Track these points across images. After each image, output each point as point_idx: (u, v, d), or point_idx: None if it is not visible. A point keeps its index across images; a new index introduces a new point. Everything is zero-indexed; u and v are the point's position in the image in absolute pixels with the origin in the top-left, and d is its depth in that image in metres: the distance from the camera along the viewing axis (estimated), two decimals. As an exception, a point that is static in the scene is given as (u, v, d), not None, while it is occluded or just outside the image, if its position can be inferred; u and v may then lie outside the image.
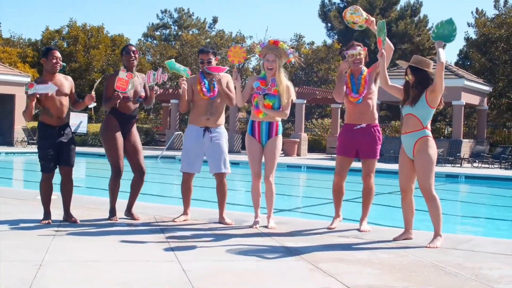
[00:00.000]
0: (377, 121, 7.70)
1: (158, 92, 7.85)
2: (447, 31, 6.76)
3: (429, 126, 6.84)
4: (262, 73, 7.71)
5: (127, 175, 8.03)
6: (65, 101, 7.52)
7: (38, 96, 7.27)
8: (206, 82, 7.81)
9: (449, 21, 6.79)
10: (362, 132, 7.57)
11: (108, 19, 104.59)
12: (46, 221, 7.47)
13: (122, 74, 7.66)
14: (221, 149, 7.86)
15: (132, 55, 7.83)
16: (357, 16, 7.29)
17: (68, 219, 7.61)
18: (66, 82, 7.59)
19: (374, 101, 7.62)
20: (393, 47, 7.39)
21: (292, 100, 7.65)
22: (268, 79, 7.60)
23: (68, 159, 7.56)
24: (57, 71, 7.52)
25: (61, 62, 7.54)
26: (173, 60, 8.06)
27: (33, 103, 7.29)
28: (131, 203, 8.04)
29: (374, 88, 7.61)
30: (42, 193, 7.61)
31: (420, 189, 6.78)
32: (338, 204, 7.82)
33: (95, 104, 7.60)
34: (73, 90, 7.72)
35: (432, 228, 6.84)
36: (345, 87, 7.58)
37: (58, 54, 7.57)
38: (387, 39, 7.09)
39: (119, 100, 7.56)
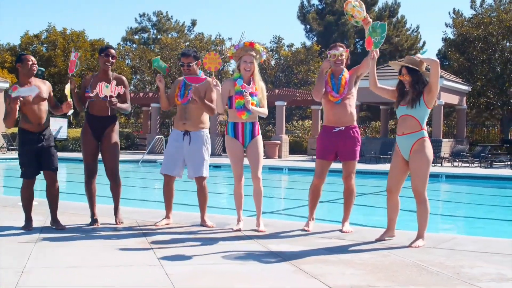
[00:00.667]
0: (355, 123, 7.72)
1: (116, 104, 7.72)
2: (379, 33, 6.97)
3: (425, 127, 6.86)
4: (237, 74, 7.73)
5: (106, 180, 8.01)
6: (44, 106, 7.49)
7: (21, 99, 7.23)
8: (183, 87, 7.85)
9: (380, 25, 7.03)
10: (341, 134, 7.59)
11: (87, 23, 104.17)
12: (27, 228, 7.42)
13: (72, 55, 7.74)
14: (199, 153, 7.85)
15: (110, 59, 7.81)
16: (358, 11, 7.23)
17: (55, 225, 7.57)
18: (44, 87, 7.56)
19: (353, 103, 7.64)
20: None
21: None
22: (245, 80, 7.63)
23: (50, 164, 7.51)
24: (34, 73, 7.48)
25: (36, 65, 7.52)
26: (159, 57, 8.12)
27: (17, 106, 7.23)
28: (115, 207, 8.02)
29: (354, 91, 7.65)
30: (23, 199, 7.57)
31: (412, 190, 6.79)
32: (313, 206, 7.83)
33: (72, 111, 7.60)
34: (51, 94, 7.70)
35: (414, 228, 6.88)
36: (325, 86, 7.60)
37: (32, 57, 7.55)
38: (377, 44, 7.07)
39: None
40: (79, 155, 8.08)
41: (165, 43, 44.28)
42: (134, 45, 58.73)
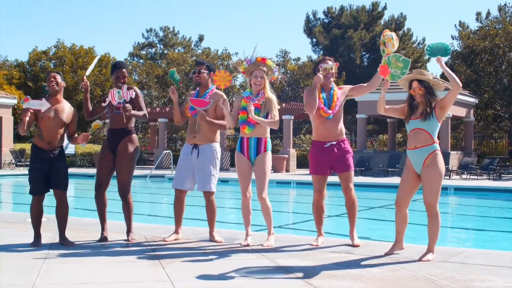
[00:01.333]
0: (344, 136, 7.74)
1: (130, 110, 7.69)
2: (441, 46, 6.72)
3: (437, 140, 6.84)
4: (248, 90, 7.74)
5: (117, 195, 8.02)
6: (61, 128, 7.51)
7: (31, 111, 7.25)
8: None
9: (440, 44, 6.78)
10: (332, 149, 7.60)
11: (94, 39, 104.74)
12: (36, 245, 7.42)
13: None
14: (206, 167, 7.84)
15: (121, 80, 7.88)
16: (392, 44, 7.17)
17: (63, 242, 7.57)
18: (68, 110, 7.58)
19: (341, 117, 7.70)
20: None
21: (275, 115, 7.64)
22: (255, 94, 7.64)
23: (59, 183, 7.53)
24: (57, 90, 7.52)
25: (58, 81, 7.53)
26: (175, 69, 8.16)
27: (26, 118, 7.23)
28: (127, 226, 8.00)
29: (341, 109, 7.67)
30: (32, 215, 7.58)
31: (424, 203, 6.75)
32: (319, 222, 7.82)
33: (85, 144, 7.66)
34: (74, 122, 7.71)
35: (423, 241, 6.84)
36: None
37: (54, 74, 7.59)
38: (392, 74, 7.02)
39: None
40: (87, 171, 8.11)
41: (172, 58, 44.44)
42: (141, 60, 58.91)
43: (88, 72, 8.05)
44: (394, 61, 6.98)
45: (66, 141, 7.65)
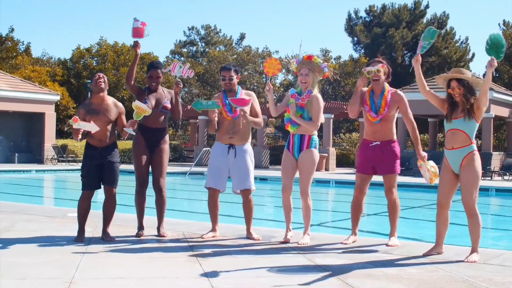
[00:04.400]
0: (394, 137, 7.62)
1: (181, 87, 8.07)
2: (501, 43, 6.59)
3: (474, 140, 6.77)
4: (299, 88, 7.72)
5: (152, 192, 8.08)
6: (108, 125, 7.60)
7: (82, 131, 7.36)
8: (227, 105, 7.84)
9: (497, 38, 6.62)
10: (377, 148, 7.53)
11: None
12: (80, 239, 7.52)
13: (136, 23, 8.04)
14: (245, 166, 7.86)
15: (155, 80, 7.97)
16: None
17: (104, 237, 7.66)
18: (114, 109, 7.68)
19: (392, 120, 7.57)
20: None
21: (321, 116, 7.59)
22: (304, 91, 7.63)
23: (109, 179, 7.66)
24: (102, 88, 7.61)
25: (105, 80, 7.65)
26: (199, 99, 8.06)
27: (78, 138, 7.40)
28: (158, 221, 8.08)
29: (394, 113, 7.55)
30: (79, 210, 7.70)
31: (463, 204, 6.69)
32: (356, 221, 7.78)
33: (133, 133, 7.68)
34: (123, 117, 7.80)
35: (461, 242, 6.77)
36: (364, 104, 7.56)
37: (101, 74, 7.71)
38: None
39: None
40: (127, 167, 8.17)
41: (213, 56, 44.65)
42: (182, 58, 59.24)
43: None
44: (424, 36, 7.01)
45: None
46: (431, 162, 7.35)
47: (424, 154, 7.36)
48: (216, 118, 7.82)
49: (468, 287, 5.42)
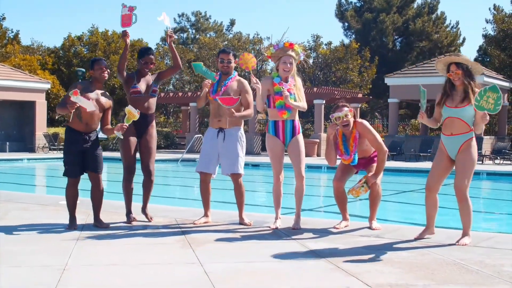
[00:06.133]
0: (371, 151, 7.71)
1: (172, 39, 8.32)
2: (491, 99, 6.39)
3: (472, 127, 6.77)
4: (274, 74, 7.72)
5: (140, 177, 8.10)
6: (99, 111, 7.54)
7: (77, 106, 7.27)
8: (216, 84, 7.87)
9: (492, 88, 6.40)
10: (360, 164, 7.72)
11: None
12: (72, 227, 7.52)
13: (124, 10, 7.83)
14: (234, 150, 7.87)
15: (150, 65, 7.97)
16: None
17: (98, 224, 7.67)
18: (104, 100, 7.60)
19: (368, 149, 7.67)
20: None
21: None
22: (283, 80, 7.63)
23: (94, 165, 7.61)
24: (106, 78, 7.60)
25: (108, 71, 7.61)
26: (201, 63, 8.11)
27: (73, 111, 7.26)
28: (143, 203, 8.14)
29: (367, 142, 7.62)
30: (67, 198, 7.66)
31: (455, 188, 6.71)
32: (343, 208, 7.85)
33: (121, 135, 7.66)
34: (109, 113, 7.74)
35: (453, 225, 6.81)
36: (337, 149, 7.64)
37: (104, 63, 7.64)
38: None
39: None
40: (114, 154, 8.16)
41: (204, 43, 44.53)
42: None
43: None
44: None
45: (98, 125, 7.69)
46: (366, 186, 7.45)
47: (374, 181, 7.43)
48: (207, 89, 7.84)
49: (459, 270, 5.46)
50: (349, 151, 7.50)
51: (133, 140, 7.94)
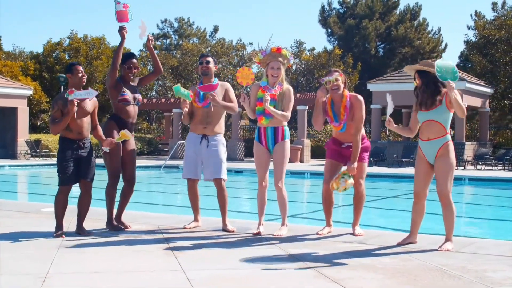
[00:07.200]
0: (362, 134, 7.64)
1: (153, 43, 8.21)
2: (450, 67, 6.57)
3: (449, 131, 6.84)
4: (264, 79, 7.72)
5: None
6: (85, 117, 7.50)
7: (78, 101, 7.23)
8: (201, 92, 7.88)
9: (446, 63, 6.63)
10: (349, 148, 7.59)
11: (109, 30, 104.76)
12: (59, 234, 7.44)
13: (118, 6, 7.79)
14: (217, 155, 7.92)
15: (133, 70, 7.94)
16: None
17: (80, 232, 7.62)
18: (90, 103, 7.55)
19: (358, 121, 7.56)
20: None
21: (291, 108, 7.66)
22: (272, 85, 7.62)
23: (86, 173, 7.59)
24: (84, 84, 7.53)
25: (84, 74, 7.55)
26: (179, 85, 8.10)
27: (74, 108, 7.20)
28: (120, 212, 8.11)
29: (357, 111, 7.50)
30: (57, 205, 7.58)
31: (438, 193, 6.77)
32: (328, 213, 7.82)
33: (108, 150, 7.65)
34: (96, 112, 7.71)
35: (434, 231, 6.84)
36: (326, 115, 7.59)
37: (81, 68, 7.58)
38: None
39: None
40: (100, 161, 8.12)
41: (187, 49, 44.47)
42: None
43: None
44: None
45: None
46: (351, 180, 7.37)
47: (354, 166, 7.39)
48: (186, 109, 7.84)
49: (441, 275, 5.49)
50: (338, 119, 7.47)
51: (118, 147, 7.91)
